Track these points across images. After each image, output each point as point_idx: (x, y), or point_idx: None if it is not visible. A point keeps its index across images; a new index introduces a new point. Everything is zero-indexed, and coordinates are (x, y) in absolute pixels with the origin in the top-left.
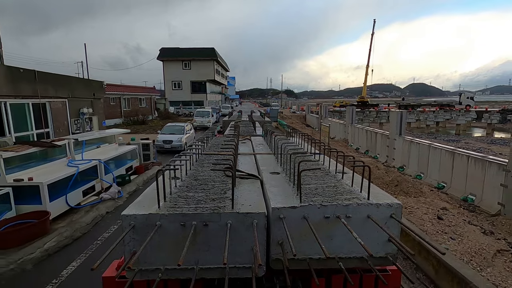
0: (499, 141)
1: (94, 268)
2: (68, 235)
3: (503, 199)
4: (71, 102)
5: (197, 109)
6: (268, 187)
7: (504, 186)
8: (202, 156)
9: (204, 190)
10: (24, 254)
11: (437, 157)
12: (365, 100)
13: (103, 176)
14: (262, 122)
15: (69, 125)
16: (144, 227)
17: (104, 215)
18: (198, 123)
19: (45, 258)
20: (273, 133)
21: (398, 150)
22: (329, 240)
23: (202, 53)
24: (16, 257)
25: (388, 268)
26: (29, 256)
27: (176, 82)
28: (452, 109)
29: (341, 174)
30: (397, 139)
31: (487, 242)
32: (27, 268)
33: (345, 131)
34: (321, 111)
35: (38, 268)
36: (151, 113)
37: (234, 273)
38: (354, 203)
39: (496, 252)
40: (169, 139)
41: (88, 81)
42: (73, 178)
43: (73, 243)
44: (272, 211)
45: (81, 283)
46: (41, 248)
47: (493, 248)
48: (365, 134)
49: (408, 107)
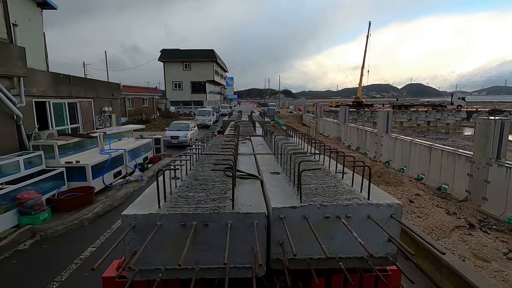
0: None
1: (95, 268)
2: (109, 204)
3: (469, 187)
4: (95, 102)
5: (198, 108)
6: (268, 187)
7: (470, 175)
8: (202, 156)
9: (204, 190)
10: (81, 215)
11: (417, 152)
12: (360, 100)
13: (127, 162)
14: (262, 122)
15: (93, 121)
16: (145, 227)
17: (132, 192)
18: (199, 121)
19: (96, 219)
20: (273, 133)
21: (385, 146)
22: (329, 240)
23: (201, 54)
24: (77, 216)
25: (388, 268)
26: (85, 216)
27: (177, 82)
28: (444, 109)
29: (341, 174)
30: (383, 136)
31: (448, 220)
32: (85, 224)
33: (338, 129)
34: (316, 111)
35: (92, 224)
36: (153, 113)
37: (234, 273)
38: (354, 203)
39: (454, 228)
40: (176, 135)
41: (108, 83)
42: (107, 163)
43: (114, 209)
44: (273, 211)
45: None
46: (92, 212)
47: (453, 225)
48: (356, 132)
49: (401, 107)
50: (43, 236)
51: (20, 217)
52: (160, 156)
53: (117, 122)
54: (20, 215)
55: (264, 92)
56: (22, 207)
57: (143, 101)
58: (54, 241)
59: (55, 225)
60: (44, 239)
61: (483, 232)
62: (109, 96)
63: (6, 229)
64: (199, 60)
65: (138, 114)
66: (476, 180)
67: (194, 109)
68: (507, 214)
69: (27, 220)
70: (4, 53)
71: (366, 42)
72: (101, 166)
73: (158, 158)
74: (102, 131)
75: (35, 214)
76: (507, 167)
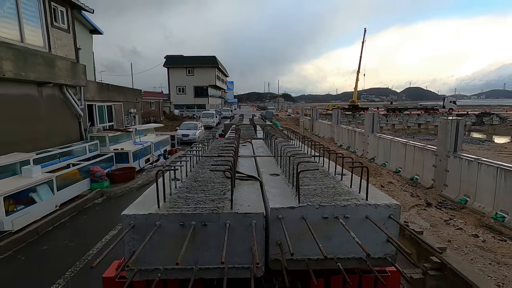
0: (469, 140)
1: (94, 266)
2: (146, 179)
3: (434, 176)
4: (124, 105)
5: (203, 111)
6: (268, 188)
7: (435, 166)
8: (202, 158)
9: (204, 191)
10: (129, 185)
11: (395, 148)
12: (355, 104)
13: (153, 152)
14: (263, 125)
15: (123, 120)
16: (144, 227)
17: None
18: (204, 122)
19: (139, 188)
20: (273, 136)
21: (371, 144)
22: (328, 240)
23: (204, 60)
24: (127, 185)
25: (387, 269)
26: (132, 186)
27: (180, 87)
28: (436, 112)
29: (340, 175)
30: (369, 135)
31: (411, 200)
32: (133, 190)
33: (332, 130)
34: (312, 114)
35: (138, 190)
36: (159, 115)
37: (233, 273)
38: (353, 203)
39: (414, 206)
40: (186, 133)
41: (133, 90)
42: (142, 151)
43: (149, 183)
44: (271, 211)
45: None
46: (137, 183)
47: (413, 204)
48: (347, 132)
49: (395, 110)
50: (108, 196)
51: (92, 184)
52: (176, 150)
53: (139, 121)
54: (91, 182)
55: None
56: (94, 176)
57: (150, 105)
58: (116, 199)
59: (114, 190)
60: (109, 198)
61: (436, 209)
62: (133, 100)
63: (84, 190)
64: (202, 66)
65: (147, 117)
66: (439, 170)
67: (197, 112)
68: (460, 196)
69: (96, 186)
70: (74, 70)
71: (362, 48)
72: (137, 153)
73: (174, 150)
74: (134, 127)
75: (101, 182)
76: (460, 158)
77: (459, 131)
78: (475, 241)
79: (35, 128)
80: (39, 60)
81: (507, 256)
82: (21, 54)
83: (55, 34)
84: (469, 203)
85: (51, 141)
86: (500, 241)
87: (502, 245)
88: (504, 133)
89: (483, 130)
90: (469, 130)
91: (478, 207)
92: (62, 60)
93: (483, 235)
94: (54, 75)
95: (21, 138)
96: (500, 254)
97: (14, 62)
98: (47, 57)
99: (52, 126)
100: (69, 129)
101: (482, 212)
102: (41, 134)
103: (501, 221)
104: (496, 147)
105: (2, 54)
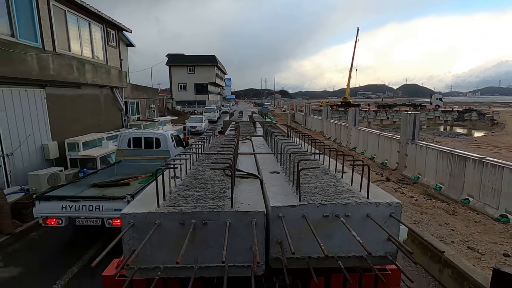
0: (447, 134)
1: (93, 265)
2: None
3: (398, 160)
4: (147, 101)
5: (205, 107)
6: (268, 186)
7: (398, 152)
8: (202, 155)
9: (203, 189)
10: None
11: (371, 139)
12: (348, 101)
13: None
14: (262, 122)
15: (146, 113)
16: (144, 226)
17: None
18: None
19: None
20: (273, 133)
21: (353, 136)
22: (329, 239)
23: (204, 59)
24: None
25: (388, 267)
26: None
27: (182, 84)
28: (423, 108)
29: (340, 173)
30: (352, 128)
31: (375, 177)
32: None
33: (322, 125)
34: (305, 110)
35: None
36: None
37: (233, 271)
38: (353, 202)
39: (376, 181)
40: (194, 125)
41: (152, 88)
42: None
43: None
44: (271, 210)
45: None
46: None
47: (375, 179)
48: (334, 126)
49: (385, 106)
50: None
51: None
52: (188, 138)
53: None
54: None
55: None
56: None
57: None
58: None
59: None
60: None
61: (393, 183)
62: (153, 97)
63: None
64: (202, 64)
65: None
66: (401, 155)
67: (197, 108)
68: (415, 174)
69: None
70: (120, 75)
71: (354, 47)
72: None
73: (187, 138)
74: (158, 118)
75: None
76: (416, 145)
77: (416, 123)
78: (410, 200)
79: (99, 117)
80: (102, 70)
81: (428, 208)
82: (94, 67)
83: (109, 51)
84: (420, 179)
85: (107, 127)
86: (428, 200)
87: (428, 202)
88: (482, 127)
89: (465, 125)
90: (451, 125)
91: (426, 182)
92: (113, 69)
93: (418, 198)
94: (110, 80)
95: (93, 124)
96: (424, 207)
97: (92, 72)
98: (106, 68)
99: (107, 117)
100: (116, 119)
101: (428, 185)
102: (102, 122)
103: (438, 190)
104: (469, 140)
105: (86, 67)
